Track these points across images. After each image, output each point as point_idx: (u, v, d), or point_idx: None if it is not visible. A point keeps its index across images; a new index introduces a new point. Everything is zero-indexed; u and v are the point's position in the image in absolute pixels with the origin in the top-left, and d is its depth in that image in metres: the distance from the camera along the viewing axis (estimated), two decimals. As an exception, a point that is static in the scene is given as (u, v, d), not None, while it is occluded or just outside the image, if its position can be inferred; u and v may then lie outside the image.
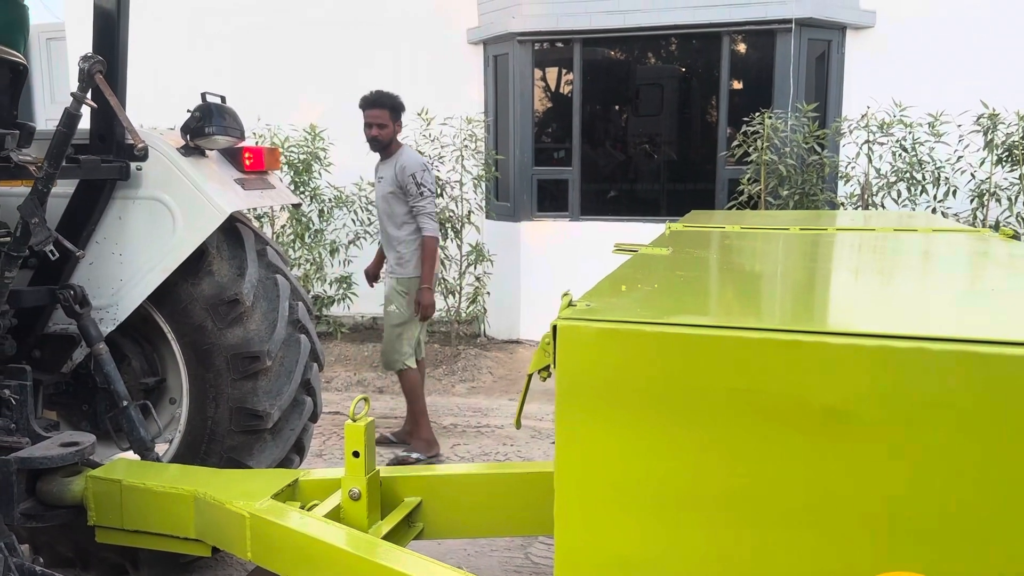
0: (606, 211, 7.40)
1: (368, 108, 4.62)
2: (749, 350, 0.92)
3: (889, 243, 1.99)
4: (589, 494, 0.99)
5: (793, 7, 6.49)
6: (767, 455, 0.92)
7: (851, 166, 6.23)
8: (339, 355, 7.03)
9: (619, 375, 0.97)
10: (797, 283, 1.41)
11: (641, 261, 1.57)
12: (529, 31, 7.09)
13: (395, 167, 4.56)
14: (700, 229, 2.34)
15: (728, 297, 1.28)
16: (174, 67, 8.34)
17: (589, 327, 0.99)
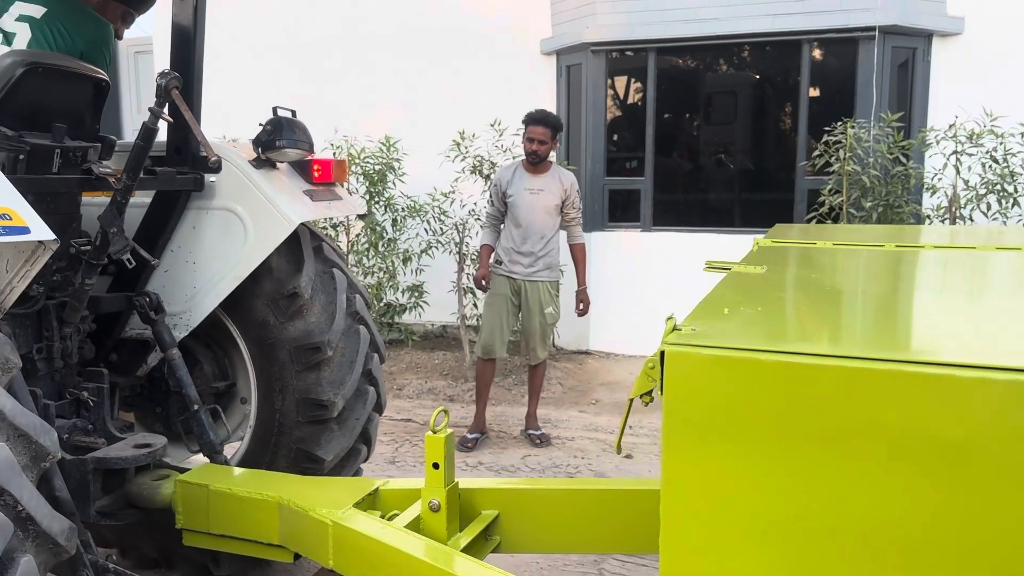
0: (679, 222, 7.31)
1: (533, 124, 5.04)
2: (872, 382, 0.88)
3: (993, 263, 1.90)
4: (697, 521, 0.97)
5: (877, 15, 6.30)
6: (884, 489, 0.88)
7: (938, 178, 6.01)
8: (410, 363, 7.10)
9: (731, 402, 0.94)
10: (909, 308, 1.36)
11: (737, 280, 1.53)
12: (603, 41, 7.07)
13: (560, 180, 5.10)
14: (790, 245, 2.27)
15: (839, 322, 1.24)
16: (254, 79, 8.59)
17: (699, 354, 0.97)
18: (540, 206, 5.03)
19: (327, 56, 8.36)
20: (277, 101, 8.98)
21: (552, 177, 5.10)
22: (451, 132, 6.95)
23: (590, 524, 2.63)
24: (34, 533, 1.85)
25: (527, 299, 5.12)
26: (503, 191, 5.10)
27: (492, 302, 5.18)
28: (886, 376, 0.88)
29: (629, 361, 7.25)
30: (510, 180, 5.09)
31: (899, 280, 1.62)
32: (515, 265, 5.11)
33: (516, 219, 5.07)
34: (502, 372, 6.77)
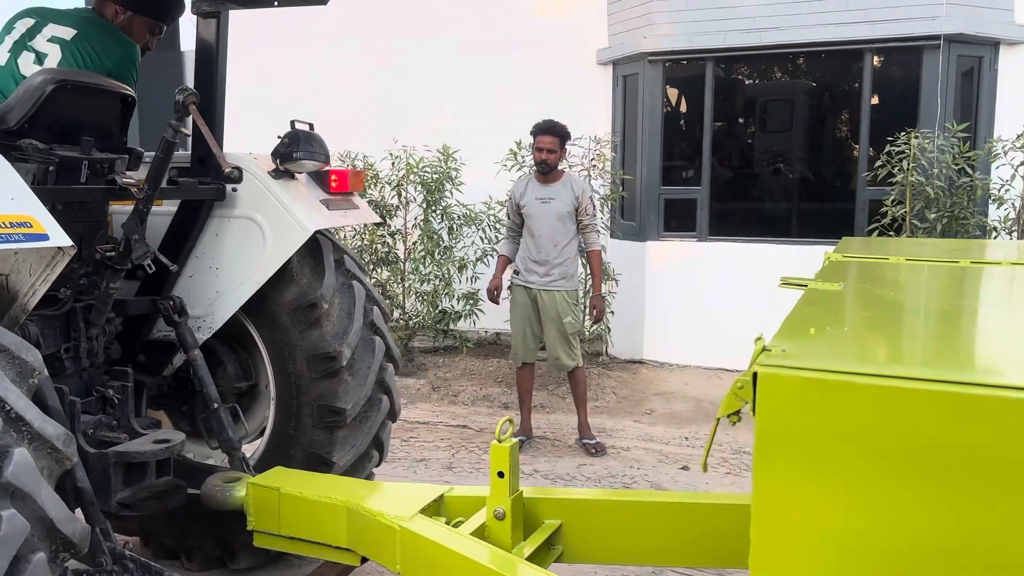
0: (735, 231, 7.25)
1: (541, 134, 5.13)
2: (968, 407, 0.89)
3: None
4: (788, 541, 0.99)
5: (943, 23, 6.18)
6: (980, 515, 0.88)
7: (1005, 189, 5.86)
8: (464, 369, 7.17)
9: (824, 424, 0.96)
10: (998, 329, 1.35)
11: (816, 298, 1.54)
12: (661, 51, 7.06)
13: (572, 188, 5.16)
14: (863, 260, 2.26)
15: (928, 344, 1.24)
16: (317, 89, 8.77)
17: (793, 376, 0.98)
18: (552, 214, 5.11)
19: (386, 67, 8.51)
20: (337, 110, 9.22)
21: (564, 185, 5.17)
22: (508, 141, 7.02)
23: (651, 537, 2.64)
24: (51, 534, 1.96)
25: (544, 308, 5.20)
26: (517, 203, 5.22)
27: (514, 312, 5.32)
28: (982, 401, 0.89)
29: (683, 371, 7.21)
30: (523, 191, 5.20)
31: (980, 299, 1.60)
32: (531, 275, 5.22)
33: (530, 229, 5.17)
34: (556, 380, 6.79)
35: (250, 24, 9.06)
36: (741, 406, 1.09)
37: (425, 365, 7.29)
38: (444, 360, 7.37)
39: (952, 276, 1.93)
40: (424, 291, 7.41)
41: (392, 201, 7.52)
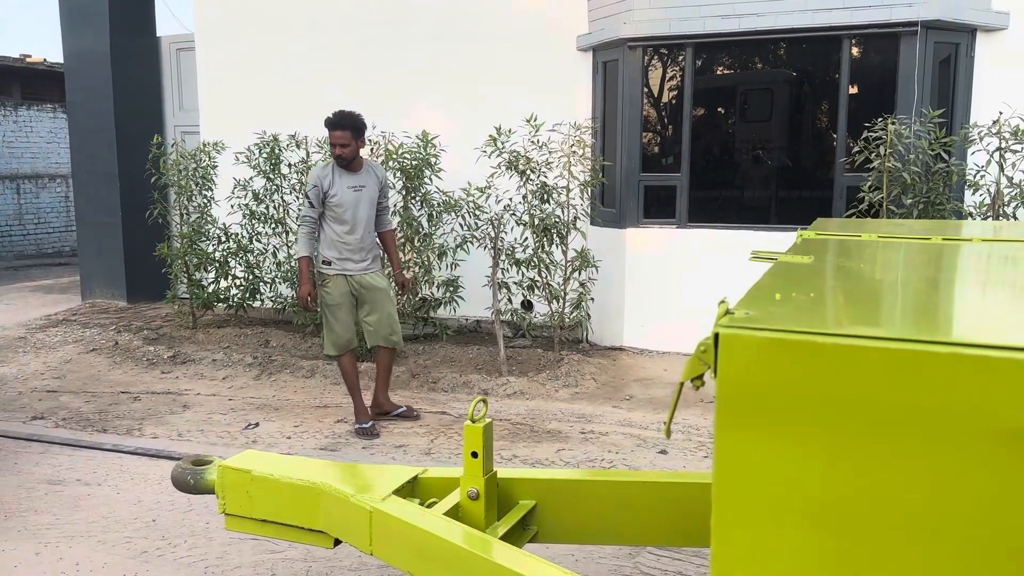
0: (715, 218, 7.26)
1: (332, 129, 5.20)
2: (935, 366, 0.88)
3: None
4: (751, 509, 0.97)
5: (920, 9, 6.21)
6: (943, 476, 0.88)
7: (981, 175, 5.91)
8: (444, 356, 7.15)
9: (786, 387, 0.95)
10: (967, 296, 1.35)
11: (784, 269, 1.53)
12: (641, 36, 7.05)
13: (376, 174, 5.38)
14: (835, 237, 2.26)
15: (893, 308, 1.23)
16: (295, 76, 8.69)
17: (755, 336, 0.97)
18: (366, 200, 5.26)
19: (365, 53, 8.44)
20: (317, 96, 9.16)
21: (369, 172, 5.33)
22: (487, 128, 6.98)
23: (627, 516, 2.64)
24: None
25: (369, 291, 5.31)
26: (325, 191, 5.17)
27: (334, 302, 5.28)
28: (942, 359, 0.88)
29: (663, 358, 7.23)
30: (331, 180, 5.18)
31: (950, 270, 1.60)
32: (347, 262, 5.25)
33: (341, 217, 5.19)
34: (535, 367, 6.79)
35: (227, 11, 8.98)
36: (704, 369, 1.08)
37: (405, 353, 7.26)
38: (424, 348, 7.35)
39: (922, 251, 1.94)
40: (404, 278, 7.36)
41: (371, 188, 7.46)
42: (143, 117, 9.69)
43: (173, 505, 4.19)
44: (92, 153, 9.69)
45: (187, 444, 5.20)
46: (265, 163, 7.77)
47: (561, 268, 7.12)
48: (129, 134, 9.51)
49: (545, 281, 7.11)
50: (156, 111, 9.93)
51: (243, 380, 6.67)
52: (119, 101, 9.54)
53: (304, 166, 7.71)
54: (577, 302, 7.11)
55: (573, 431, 5.33)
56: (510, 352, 7.08)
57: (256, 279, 7.98)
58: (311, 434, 5.34)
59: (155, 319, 8.94)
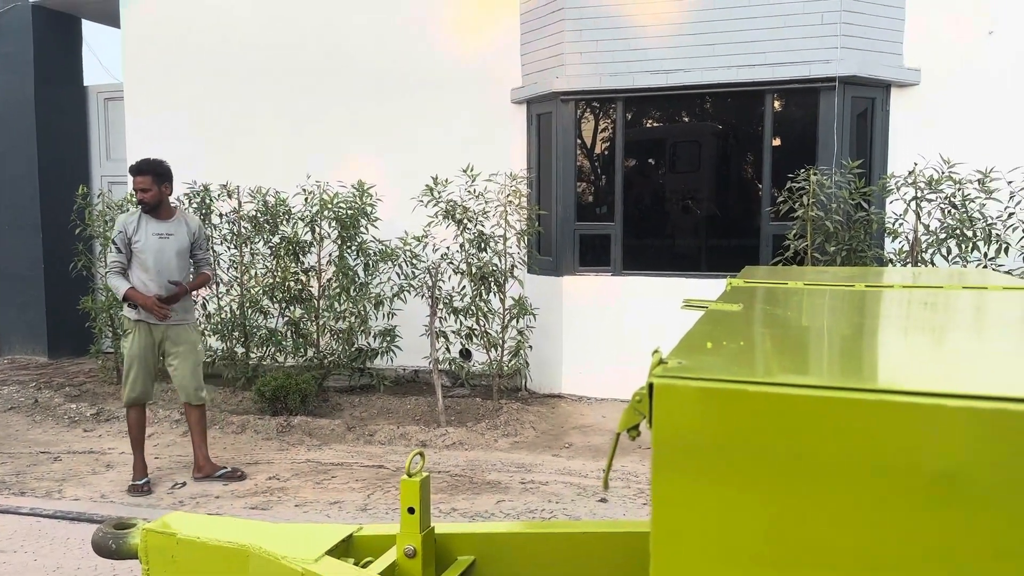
0: (648, 266, 7.39)
1: (134, 175, 5.15)
2: (861, 412, 0.90)
3: (965, 301, 1.94)
4: (688, 558, 0.97)
5: (837, 66, 6.52)
6: (876, 521, 0.89)
7: (899, 223, 6.17)
8: (382, 408, 7.03)
9: (721, 435, 0.95)
10: (893, 342, 1.39)
11: (715, 317, 1.55)
12: (573, 90, 7.21)
13: (187, 224, 5.29)
14: (763, 285, 2.31)
15: (822, 356, 1.26)
16: (229, 123, 8.61)
17: (688, 386, 0.97)
18: (173, 250, 5.17)
19: (300, 102, 8.43)
20: (251, 145, 9.07)
21: (179, 222, 5.25)
22: (424, 178, 7.01)
23: (569, 568, 2.60)
24: None
25: (175, 343, 5.20)
26: (129, 237, 5.09)
27: (135, 351, 5.16)
28: (869, 405, 0.90)
29: (601, 404, 7.25)
30: (136, 227, 5.11)
31: (873, 316, 1.65)
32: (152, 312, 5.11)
33: (146, 264, 5.10)
34: (474, 417, 6.73)
35: (157, 59, 8.86)
36: (640, 419, 1.08)
37: (340, 405, 7.12)
38: (360, 399, 7.22)
39: (846, 298, 2.00)
40: (339, 329, 7.27)
41: (305, 237, 7.39)
42: (68, 167, 9.43)
43: (95, 571, 3.97)
44: (14, 203, 9.36)
45: (110, 506, 4.96)
46: (195, 213, 7.62)
47: (499, 316, 7.12)
48: (53, 184, 9.24)
49: (483, 329, 7.09)
50: (82, 161, 9.68)
51: (170, 437, 6.43)
52: (43, 151, 9.28)
53: (236, 216, 7.59)
54: (515, 350, 7.11)
55: (513, 481, 5.28)
56: (449, 402, 7.01)
57: (186, 332, 7.76)
58: (240, 493, 5.16)
59: (78, 375, 8.58)
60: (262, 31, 8.52)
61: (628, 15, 7.01)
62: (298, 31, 8.42)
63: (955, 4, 6.77)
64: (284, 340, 7.43)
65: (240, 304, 7.59)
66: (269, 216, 7.38)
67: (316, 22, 8.36)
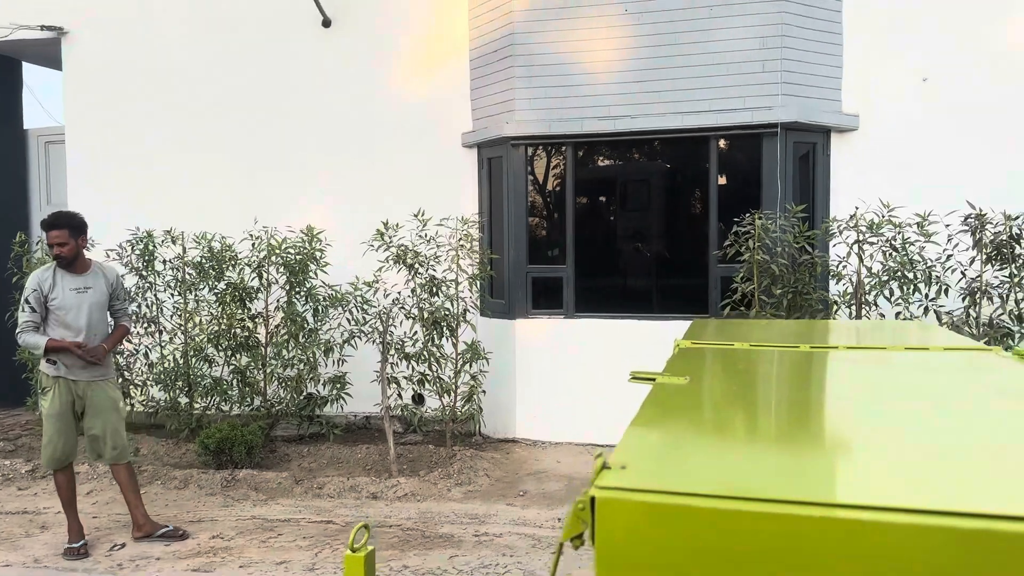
0: (600, 308, 7.42)
1: (47, 229, 4.98)
2: (808, 528, 0.88)
3: (910, 373, 1.95)
4: None
5: (779, 112, 6.69)
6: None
7: (842, 265, 6.30)
8: (332, 458, 6.88)
9: (665, 548, 0.92)
10: (841, 433, 1.37)
11: (662, 397, 1.54)
12: (523, 136, 7.26)
13: (106, 277, 5.15)
14: (709, 346, 2.31)
15: (771, 456, 1.24)
16: (174, 169, 8.46)
17: (631, 500, 0.94)
18: (92, 304, 4.99)
19: (247, 145, 8.33)
20: (195, 190, 8.93)
21: (96, 274, 5.08)
22: (374, 222, 6.95)
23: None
24: None
25: (96, 401, 5.01)
26: (45, 295, 4.90)
27: (54, 412, 4.95)
28: (816, 523, 0.88)
29: (556, 448, 7.20)
30: (52, 283, 4.92)
31: (821, 392, 1.65)
32: (75, 370, 4.95)
33: (64, 321, 4.92)
34: (427, 465, 6.62)
35: (99, 102, 8.70)
36: (583, 528, 1.05)
37: (289, 456, 6.95)
38: (309, 449, 7.05)
39: (795, 365, 2.00)
40: (288, 376, 7.11)
41: (252, 283, 7.25)
42: (6, 213, 9.15)
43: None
44: (-54, 249, 9.02)
45: (43, 572, 4.73)
46: (138, 260, 7.44)
47: (452, 361, 7.06)
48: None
49: (436, 375, 7.01)
50: (21, 206, 9.40)
51: (109, 494, 6.18)
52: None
53: (181, 262, 7.42)
54: (469, 395, 7.03)
55: (467, 534, 5.18)
56: (401, 449, 6.89)
57: (126, 382, 7.52)
58: (183, 554, 4.96)
59: (13, 428, 8.23)
60: (208, 73, 8.43)
61: (576, 62, 7.11)
62: (245, 74, 8.35)
63: (890, 52, 7.02)
64: (230, 389, 7.24)
65: (184, 352, 7.39)
66: (215, 262, 7.23)
67: (263, 65, 8.31)
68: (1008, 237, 5.87)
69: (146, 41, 8.57)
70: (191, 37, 8.46)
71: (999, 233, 5.90)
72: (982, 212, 5.96)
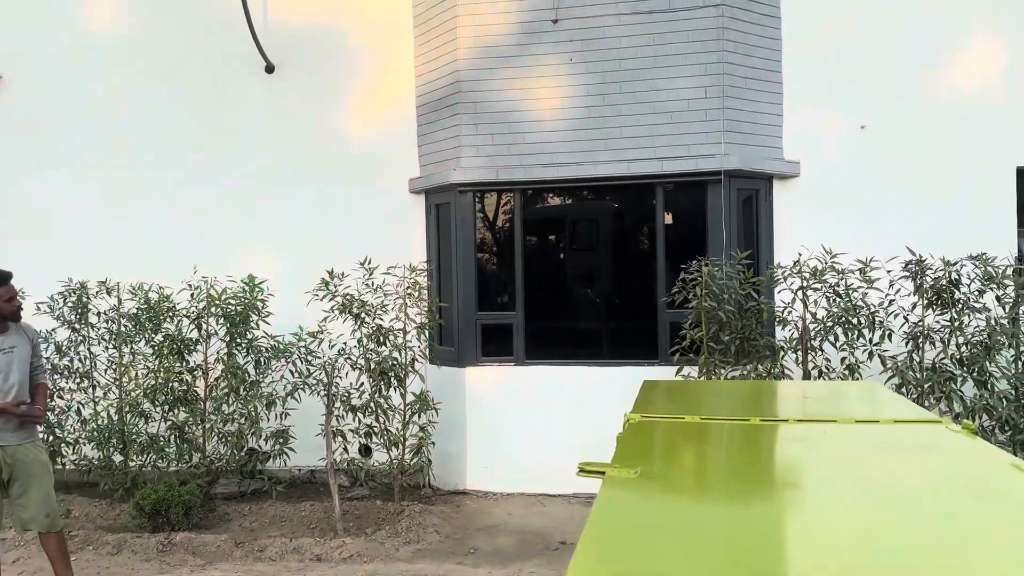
0: (551, 355, 7.35)
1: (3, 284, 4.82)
2: None
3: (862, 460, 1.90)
4: None
5: (722, 160, 6.78)
6: None
7: (788, 311, 6.35)
8: (274, 517, 6.62)
9: None
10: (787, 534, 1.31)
11: (613, 498, 1.46)
12: (470, 182, 7.22)
13: (27, 335, 4.93)
14: (660, 421, 2.25)
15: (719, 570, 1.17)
16: (108, 218, 8.19)
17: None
18: (19, 363, 4.80)
19: (186, 192, 8.12)
20: (131, 239, 8.65)
21: (18, 332, 4.89)
22: (319, 270, 6.81)
23: None
24: None
25: (25, 464, 4.74)
26: None
27: None
28: None
29: (507, 500, 7.06)
30: None
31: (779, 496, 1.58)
32: (3, 433, 4.71)
33: None
34: (374, 522, 6.42)
35: (27, 145, 8.42)
36: None
37: (229, 515, 6.67)
38: (251, 507, 6.79)
39: (747, 448, 1.95)
40: (228, 431, 6.86)
41: (191, 335, 7.02)
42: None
43: None
44: None
45: (-43, 655, 4.40)
46: (71, 313, 7.14)
47: (400, 413, 6.89)
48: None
49: (383, 427, 6.83)
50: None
51: (38, 562, 5.83)
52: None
53: (116, 314, 7.15)
54: (417, 448, 6.85)
55: (414, 597, 5.00)
56: (347, 505, 6.68)
57: (58, 440, 7.16)
58: (114, 629, 4.68)
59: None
60: (148, 119, 8.23)
61: (523, 109, 7.12)
62: (186, 120, 8.17)
63: (828, 100, 7.19)
64: (167, 446, 6.96)
65: (119, 408, 7.08)
66: (152, 313, 6.98)
67: (205, 111, 8.15)
68: (947, 282, 5.99)
69: (82, 87, 8.34)
70: (130, 83, 8.26)
71: (939, 278, 6.02)
72: (922, 258, 6.08)
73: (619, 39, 6.95)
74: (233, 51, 8.02)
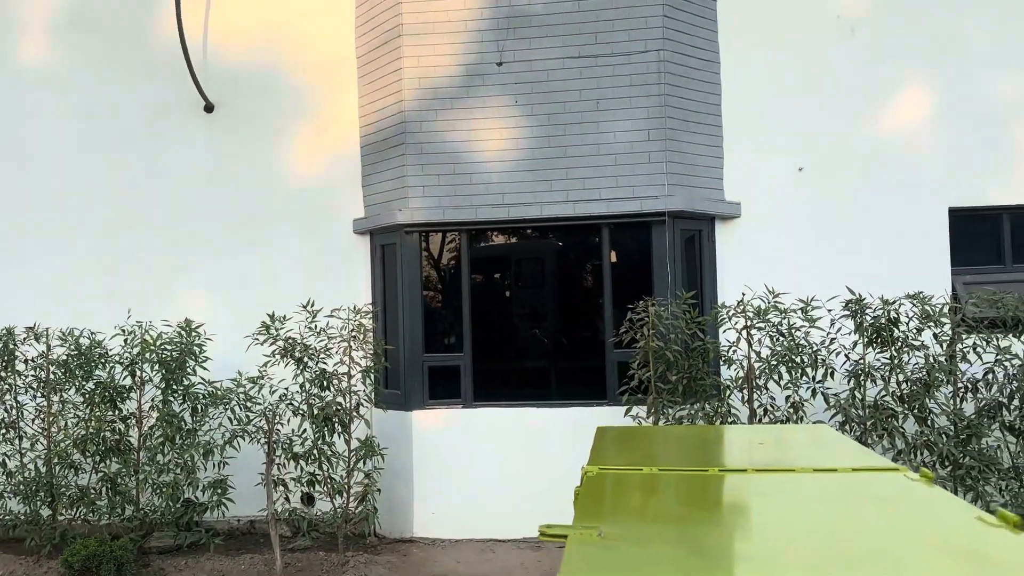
0: (500, 396, 7.27)
1: None
2: None
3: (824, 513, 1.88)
4: None
5: (666, 201, 6.86)
6: None
7: (733, 350, 6.41)
8: (212, 571, 6.34)
9: None
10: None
11: (577, 565, 1.40)
12: (416, 223, 7.16)
13: None
14: (618, 472, 2.20)
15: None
16: (38, 260, 7.87)
17: None
18: None
19: (120, 235, 7.86)
20: (61, 283, 8.36)
21: None
22: (260, 314, 6.63)
23: None
24: None
25: None
26: None
27: None
28: None
29: (455, 547, 6.90)
30: None
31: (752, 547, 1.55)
32: None
33: None
34: (318, 575, 6.18)
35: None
36: None
37: (164, 570, 6.36)
38: (187, 561, 6.49)
39: (708, 500, 1.91)
40: (163, 482, 6.57)
41: (124, 382, 6.74)
42: None
43: None
44: None
45: None
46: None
47: (344, 459, 6.71)
48: None
49: (327, 475, 6.64)
50: None
51: (-50, 629, 5.45)
52: None
53: (44, 361, 6.83)
54: (363, 495, 6.66)
55: (360, 655, 4.80)
56: (289, 558, 6.43)
57: (-22, 495, 6.77)
58: None
59: None
60: (80, 160, 7.97)
61: (469, 151, 7.11)
62: (121, 160, 7.94)
63: (766, 143, 7.36)
64: (98, 498, 6.63)
65: (47, 460, 6.74)
66: (83, 360, 6.69)
67: (140, 151, 7.93)
68: (887, 321, 6.12)
69: (14, 127, 8.05)
70: (63, 121, 8.01)
71: (878, 317, 6.15)
72: (861, 297, 6.21)
73: (564, 82, 7.02)
74: (171, 90, 7.86)
